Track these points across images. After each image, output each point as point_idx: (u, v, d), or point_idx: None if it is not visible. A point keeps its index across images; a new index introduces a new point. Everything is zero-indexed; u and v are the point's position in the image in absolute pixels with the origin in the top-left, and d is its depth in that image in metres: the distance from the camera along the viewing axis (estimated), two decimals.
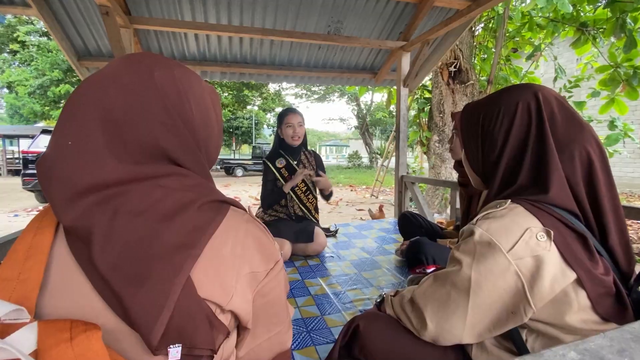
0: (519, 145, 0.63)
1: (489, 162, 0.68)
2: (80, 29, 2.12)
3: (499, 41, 4.20)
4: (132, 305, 0.38)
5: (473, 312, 0.58)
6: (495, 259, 0.55)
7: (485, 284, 0.57)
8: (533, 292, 0.53)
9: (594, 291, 0.53)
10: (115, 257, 0.40)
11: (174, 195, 0.45)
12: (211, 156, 0.60)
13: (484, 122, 0.68)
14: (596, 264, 0.54)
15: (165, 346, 0.40)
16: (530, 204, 0.58)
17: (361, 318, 0.80)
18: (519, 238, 0.54)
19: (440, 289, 0.64)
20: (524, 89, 0.65)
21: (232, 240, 0.48)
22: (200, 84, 0.55)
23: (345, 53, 2.82)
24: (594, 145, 0.59)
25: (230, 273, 0.46)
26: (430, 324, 0.63)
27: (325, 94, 18.76)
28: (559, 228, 0.55)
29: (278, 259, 0.54)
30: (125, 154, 0.44)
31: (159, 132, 0.47)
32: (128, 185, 0.43)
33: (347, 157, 19.20)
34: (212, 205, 0.49)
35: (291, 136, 1.96)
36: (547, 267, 0.53)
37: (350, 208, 6.03)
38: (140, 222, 0.42)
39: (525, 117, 0.62)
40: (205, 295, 0.43)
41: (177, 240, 0.42)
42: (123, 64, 0.48)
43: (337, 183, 10.28)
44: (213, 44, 2.48)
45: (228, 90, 15.44)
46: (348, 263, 1.76)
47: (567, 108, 0.62)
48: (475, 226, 0.59)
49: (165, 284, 0.40)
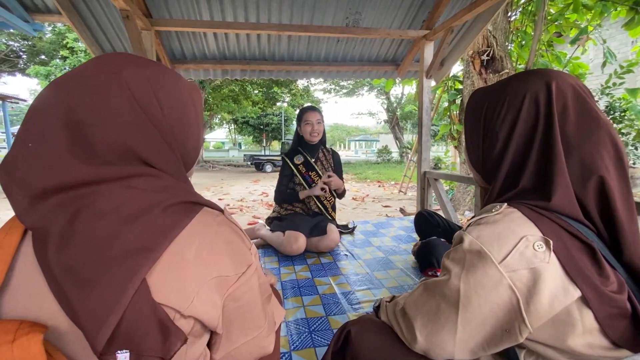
0: (524, 143, 0.55)
1: (491, 160, 0.61)
2: (107, 33, 2.24)
3: (538, 25, 3.87)
4: (79, 308, 0.38)
5: (463, 328, 0.53)
6: (485, 270, 0.49)
7: (476, 297, 0.51)
8: (529, 309, 0.47)
9: (603, 311, 0.45)
10: (71, 259, 0.39)
11: (143, 196, 0.45)
12: (190, 156, 0.59)
13: (487, 114, 0.61)
14: (606, 280, 0.46)
15: (112, 351, 0.39)
16: (529, 209, 0.51)
17: (353, 324, 0.76)
18: (512, 247, 0.48)
19: (430, 299, 0.59)
20: (535, 76, 0.57)
21: (197, 244, 0.46)
22: (176, 83, 0.54)
23: (365, 45, 2.73)
24: (609, 146, 0.50)
25: (193, 277, 0.45)
26: (420, 337, 0.58)
27: (354, 88, 18.53)
28: (562, 237, 0.48)
29: (250, 262, 0.52)
30: (92, 155, 0.44)
31: (127, 132, 0.46)
32: (94, 186, 0.43)
33: (377, 152, 18.85)
34: (181, 207, 0.48)
35: (310, 133, 1.98)
36: (545, 282, 0.46)
37: (376, 204, 5.91)
38: (102, 224, 0.41)
39: (532, 110, 0.55)
40: (161, 300, 0.42)
41: (136, 243, 0.42)
42: (91, 65, 0.48)
43: (365, 179, 10.14)
44: (232, 43, 2.51)
45: (258, 87, 15.73)
46: (361, 262, 1.72)
47: (585, 101, 0.53)
48: (465, 233, 0.53)
49: (116, 288, 0.39)
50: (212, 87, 14.12)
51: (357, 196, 6.67)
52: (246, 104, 15.61)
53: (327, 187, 1.96)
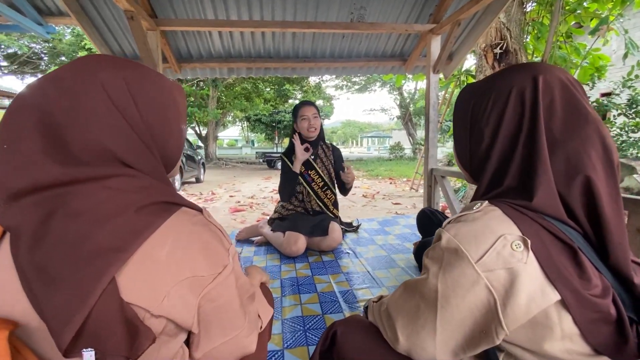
0: (510, 140, 0.53)
1: (477, 158, 0.59)
2: (115, 34, 2.28)
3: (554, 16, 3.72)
4: (46, 307, 0.39)
5: (442, 328, 0.51)
6: (462, 269, 0.48)
7: (454, 297, 0.49)
8: (506, 310, 0.45)
9: (583, 316, 0.43)
10: (42, 258, 0.40)
11: (118, 197, 0.45)
12: (171, 156, 0.59)
13: (474, 111, 0.59)
14: (588, 283, 0.44)
15: (78, 349, 0.40)
16: (511, 207, 0.49)
17: (340, 324, 0.76)
18: (490, 246, 0.46)
19: (410, 299, 0.58)
20: (522, 70, 0.54)
21: (171, 244, 0.46)
22: (156, 83, 0.54)
23: (371, 40, 2.70)
24: (598, 144, 0.47)
25: (164, 277, 0.45)
26: (401, 338, 0.58)
27: (366, 84, 18.36)
28: (543, 237, 0.46)
29: (226, 263, 0.52)
30: (68, 156, 0.45)
31: (104, 133, 0.46)
32: (70, 186, 0.44)
33: (389, 149, 18.65)
34: (156, 208, 0.48)
35: (307, 128, 1.93)
36: (522, 283, 0.44)
37: (387, 202, 5.85)
38: (76, 224, 0.42)
39: (518, 106, 0.52)
40: (130, 300, 0.43)
41: (107, 243, 0.42)
42: (68, 68, 0.49)
43: (376, 176, 10.05)
44: (237, 41, 2.52)
45: (270, 85, 15.79)
46: (363, 260, 1.71)
47: (574, 96, 0.50)
48: (443, 230, 0.52)
49: (83, 287, 0.40)
50: (225, 86, 14.27)
51: (367, 193, 6.62)
52: (258, 102, 15.71)
53: (309, 147, 1.92)
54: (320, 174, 1.97)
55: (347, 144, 44.19)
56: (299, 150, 1.87)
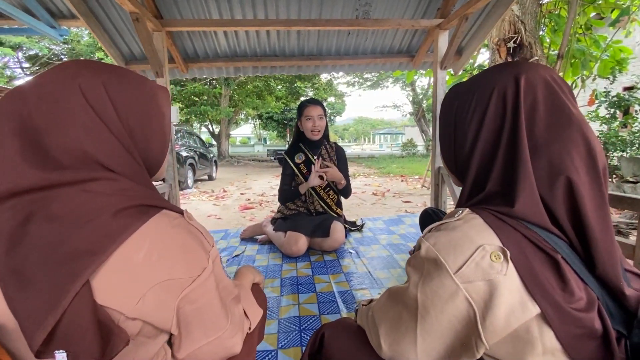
0: (492, 142, 0.51)
1: (461, 161, 0.57)
2: (124, 36, 2.33)
3: (572, 7, 3.58)
4: (20, 308, 0.40)
5: (423, 338, 0.50)
6: (441, 280, 0.46)
7: (432, 308, 0.48)
8: (485, 324, 0.43)
9: (565, 331, 0.41)
10: (18, 261, 0.41)
11: (97, 200, 0.46)
12: (154, 158, 0.59)
13: (457, 112, 0.57)
14: (570, 296, 0.41)
15: (50, 351, 0.40)
16: (492, 215, 0.47)
17: (328, 327, 0.75)
18: (468, 257, 0.44)
19: (393, 307, 0.56)
20: (504, 70, 0.52)
21: (147, 247, 0.47)
22: (137, 87, 0.55)
23: (378, 37, 2.65)
24: (581, 147, 0.45)
25: (139, 280, 0.45)
26: (384, 345, 0.57)
27: (378, 81, 18.15)
28: (524, 247, 0.43)
29: (205, 266, 0.52)
30: (47, 160, 0.46)
31: (83, 137, 0.47)
32: (49, 190, 0.44)
33: (401, 146, 18.42)
34: (135, 210, 0.48)
35: (311, 130, 1.89)
36: (501, 296, 0.42)
37: (397, 200, 5.79)
38: (53, 227, 0.43)
39: (499, 107, 0.50)
40: (104, 302, 0.43)
41: (83, 246, 0.43)
42: (47, 73, 0.50)
43: (387, 173, 9.95)
44: (242, 40, 2.53)
45: (281, 83, 15.82)
46: (365, 260, 1.69)
47: (557, 96, 0.48)
48: (423, 239, 0.50)
49: (56, 290, 0.40)
50: (237, 84, 14.38)
51: (377, 191, 6.56)
52: (270, 100, 15.77)
53: (324, 175, 1.83)
54: (322, 175, 1.95)
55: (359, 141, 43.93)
56: (313, 176, 1.81)
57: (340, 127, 47.11)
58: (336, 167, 1.97)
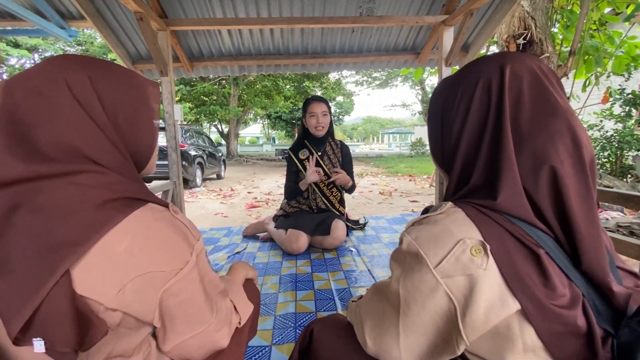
0: (477, 135, 0.50)
1: (448, 154, 0.56)
2: (130, 36, 2.36)
3: (584, 2, 3.48)
4: (1, 297, 0.40)
5: (405, 334, 0.49)
6: (421, 275, 0.45)
7: (414, 303, 0.47)
8: (465, 319, 0.42)
9: (546, 328, 0.39)
10: (2, 252, 0.42)
11: (84, 192, 0.46)
12: (142, 152, 0.59)
13: (445, 105, 0.56)
14: (552, 292, 0.40)
15: (28, 338, 0.41)
16: (476, 209, 0.45)
17: (316, 323, 0.75)
18: (448, 251, 0.43)
19: (378, 302, 0.56)
20: (490, 61, 0.51)
21: (129, 239, 0.47)
22: (124, 82, 0.55)
23: (382, 34, 2.63)
24: (567, 138, 0.43)
25: (120, 271, 0.46)
26: (369, 341, 0.56)
27: (387, 79, 18.03)
28: (506, 242, 0.42)
29: (188, 259, 0.52)
30: (34, 153, 0.46)
31: (69, 131, 0.48)
32: (37, 182, 0.45)
33: (410, 145, 18.25)
34: (120, 203, 0.49)
35: (314, 126, 1.90)
36: (481, 291, 0.41)
37: (404, 199, 5.74)
38: (38, 218, 0.44)
39: (484, 99, 0.49)
40: (84, 293, 0.44)
41: (65, 237, 0.43)
42: (35, 68, 0.51)
43: (395, 172, 9.88)
44: (246, 39, 2.54)
45: (290, 82, 15.85)
46: (365, 258, 1.68)
47: (543, 86, 0.46)
48: (405, 233, 0.49)
49: (36, 280, 0.41)
50: (246, 83, 14.47)
51: (384, 190, 6.52)
52: (278, 99, 15.81)
53: (320, 170, 1.85)
54: (326, 172, 1.95)
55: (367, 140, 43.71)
56: (310, 171, 1.82)
57: (348, 127, 46.96)
58: (340, 164, 1.97)
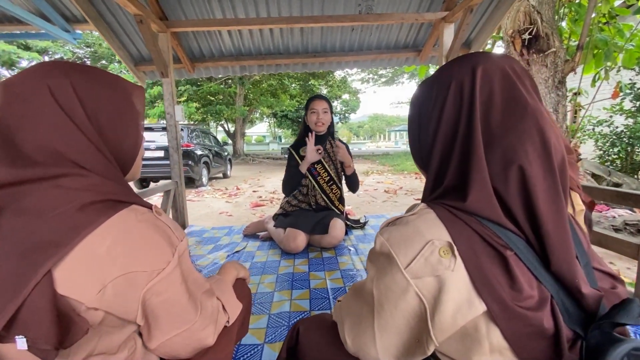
0: (449, 136, 0.50)
1: (425, 155, 0.56)
2: (132, 38, 2.40)
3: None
4: None
5: (380, 334, 0.50)
6: (393, 275, 0.46)
7: (387, 303, 0.47)
8: (434, 320, 0.43)
9: (512, 329, 0.40)
10: None
11: (67, 194, 0.48)
12: (126, 155, 0.61)
13: (422, 106, 0.56)
14: (519, 294, 0.40)
15: (11, 336, 0.43)
16: (447, 211, 0.46)
17: (303, 322, 0.76)
18: (417, 252, 0.44)
19: (356, 302, 0.56)
20: (462, 61, 0.51)
21: (111, 240, 0.48)
22: (108, 86, 0.56)
23: (382, 32, 2.62)
24: (536, 139, 0.43)
25: (101, 272, 0.47)
26: (348, 340, 0.57)
27: (393, 77, 17.90)
28: (474, 243, 0.42)
29: (169, 260, 0.54)
30: (18, 157, 0.48)
31: (52, 135, 0.49)
32: (21, 186, 0.47)
33: None
34: (103, 205, 0.50)
35: (315, 122, 1.93)
36: (449, 292, 0.41)
37: (409, 197, 5.71)
38: (22, 221, 0.45)
39: (457, 100, 0.49)
40: (65, 292, 0.45)
41: (49, 238, 0.45)
42: (19, 75, 0.52)
43: (401, 170, 9.83)
44: (246, 39, 2.56)
45: (295, 81, 15.86)
46: (363, 257, 1.68)
47: (514, 87, 0.46)
48: (378, 233, 0.50)
49: (18, 280, 0.43)
50: (252, 83, 14.52)
51: (389, 189, 6.49)
52: (284, 98, 15.82)
53: (321, 147, 1.87)
54: (326, 168, 1.96)
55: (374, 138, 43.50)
56: (310, 151, 1.85)
57: (355, 125, 46.78)
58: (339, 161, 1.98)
